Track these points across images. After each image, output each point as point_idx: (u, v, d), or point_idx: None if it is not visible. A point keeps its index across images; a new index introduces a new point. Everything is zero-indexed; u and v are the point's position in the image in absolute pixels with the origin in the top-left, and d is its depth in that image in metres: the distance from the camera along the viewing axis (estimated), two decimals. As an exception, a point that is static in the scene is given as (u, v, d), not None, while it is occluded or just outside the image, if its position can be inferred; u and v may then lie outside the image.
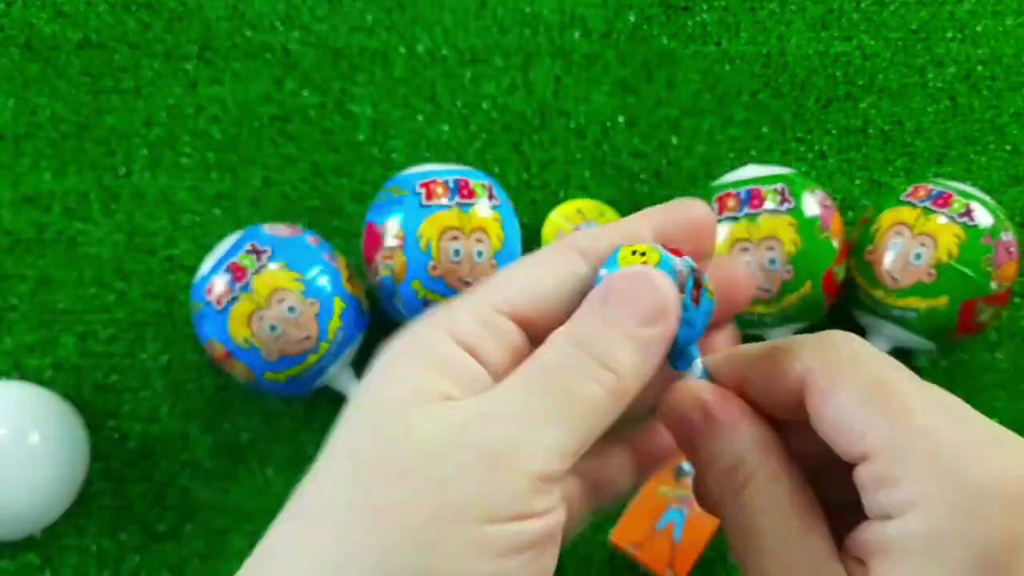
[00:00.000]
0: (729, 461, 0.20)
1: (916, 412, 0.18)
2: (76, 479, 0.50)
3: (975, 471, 0.17)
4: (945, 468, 0.17)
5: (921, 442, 0.17)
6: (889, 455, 0.18)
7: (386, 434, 0.18)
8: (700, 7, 0.62)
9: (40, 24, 0.61)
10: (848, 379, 0.19)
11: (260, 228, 0.49)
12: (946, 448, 0.17)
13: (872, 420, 0.18)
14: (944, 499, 0.17)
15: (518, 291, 0.20)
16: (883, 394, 0.18)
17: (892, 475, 0.17)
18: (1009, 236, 0.48)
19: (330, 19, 0.61)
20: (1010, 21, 0.62)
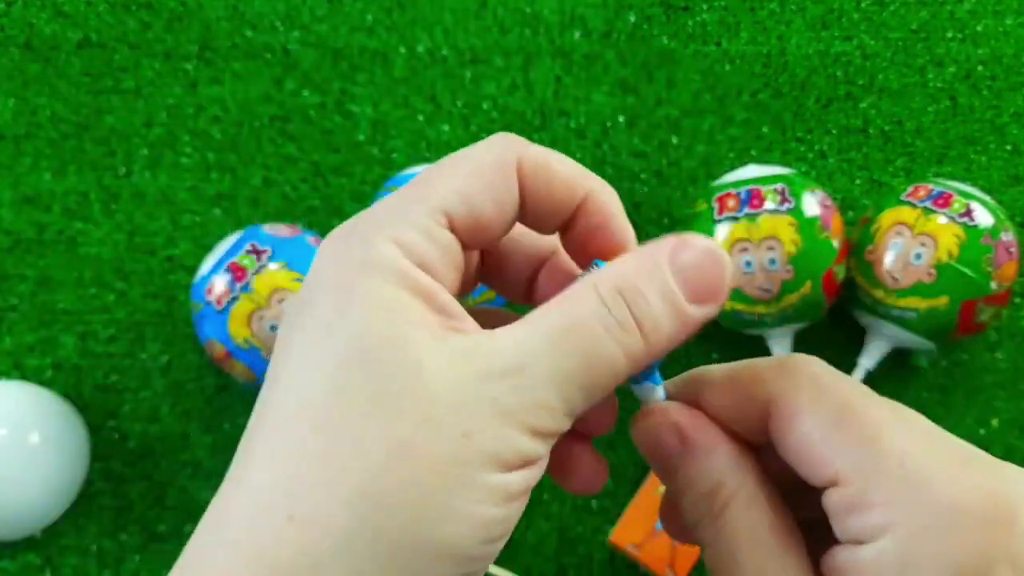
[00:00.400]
0: (708, 485, 0.20)
1: (883, 436, 0.18)
2: (76, 479, 0.50)
3: (946, 492, 0.17)
4: (915, 491, 0.17)
5: (890, 465, 0.17)
6: (858, 480, 0.18)
7: (396, 366, 0.17)
8: (700, 7, 0.62)
9: (40, 24, 0.61)
10: (812, 405, 0.19)
11: (260, 228, 0.49)
12: (915, 470, 0.17)
13: (838, 446, 0.18)
14: (915, 522, 0.17)
15: (452, 201, 0.19)
16: (849, 419, 0.18)
17: (862, 500, 0.17)
18: (1009, 236, 0.48)
19: (330, 19, 0.61)
20: (1010, 21, 0.62)
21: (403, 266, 0.18)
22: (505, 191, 0.20)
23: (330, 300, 0.18)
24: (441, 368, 0.17)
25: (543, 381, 0.18)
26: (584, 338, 0.18)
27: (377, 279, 0.18)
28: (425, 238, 0.19)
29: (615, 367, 0.18)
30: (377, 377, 0.17)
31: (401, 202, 0.19)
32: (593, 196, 0.21)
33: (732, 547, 0.19)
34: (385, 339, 0.17)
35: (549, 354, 0.18)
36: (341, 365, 0.17)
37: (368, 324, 0.18)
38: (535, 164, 0.20)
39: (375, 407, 0.17)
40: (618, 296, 0.18)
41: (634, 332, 0.18)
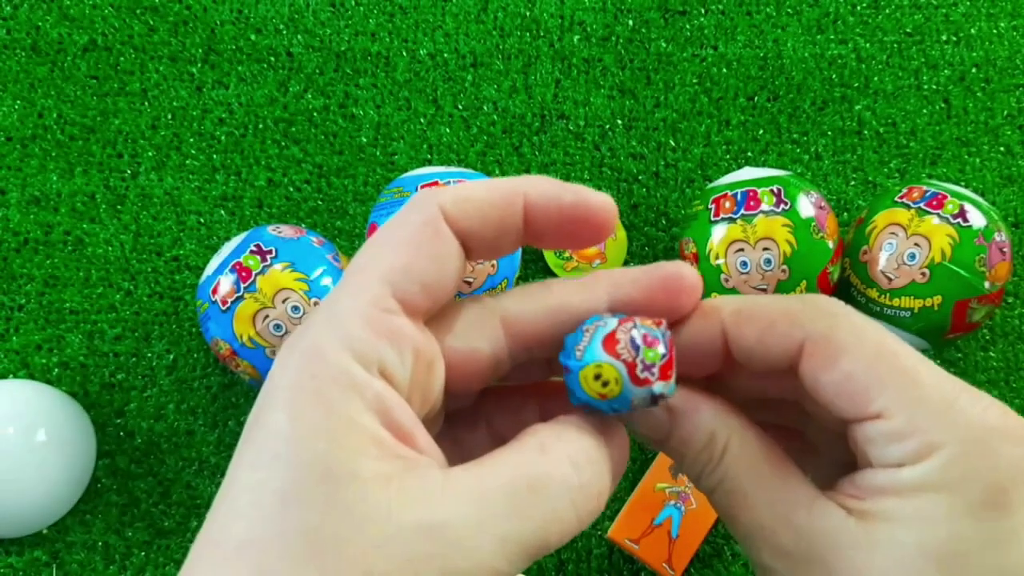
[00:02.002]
0: (703, 439, 0.21)
1: (921, 373, 0.19)
2: (83, 476, 0.50)
3: (983, 418, 0.19)
4: (956, 417, 0.19)
5: (932, 397, 0.19)
6: (903, 413, 0.19)
7: (340, 510, 0.17)
8: (697, 11, 0.63)
9: (46, 27, 0.61)
10: (852, 345, 0.20)
11: (265, 229, 0.49)
12: (953, 400, 0.19)
13: (882, 382, 0.19)
14: (959, 444, 0.18)
15: (395, 277, 0.19)
16: (887, 357, 0.19)
17: (907, 430, 0.19)
18: (1002, 236, 0.49)
19: (333, 23, 0.62)
20: (1004, 24, 0.63)
21: (355, 377, 0.18)
22: (440, 244, 0.20)
23: (281, 424, 0.17)
24: (389, 515, 0.17)
25: (492, 547, 0.17)
26: (543, 503, 0.18)
27: (329, 397, 0.17)
28: (374, 333, 0.18)
29: (565, 528, 0.18)
30: (321, 521, 0.16)
31: (344, 295, 0.19)
32: (533, 203, 0.21)
33: (737, 484, 0.20)
34: (331, 480, 0.17)
35: (502, 518, 0.17)
36: (284, 506, 0.17)
37: (316, 459, 0.17)
38: (455, 202, 0.20)
39: (316, 556, 0.16)
40: (579, 462, 0.19)
41: (593, 494, 0.19)
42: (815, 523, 0.19)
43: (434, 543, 0.17)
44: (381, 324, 0.18)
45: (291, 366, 0.18)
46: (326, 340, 0.18)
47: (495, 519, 0.17)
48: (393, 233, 0.20)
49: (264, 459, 0.17)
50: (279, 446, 0.17)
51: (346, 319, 0.18)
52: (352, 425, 0.17)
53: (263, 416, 0.18)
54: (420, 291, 0.19)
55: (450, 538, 0.17)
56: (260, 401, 0.18)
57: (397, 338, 0.19)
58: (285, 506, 0.17)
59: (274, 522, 0.17)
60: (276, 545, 0.16)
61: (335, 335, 0.18)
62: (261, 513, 0.17)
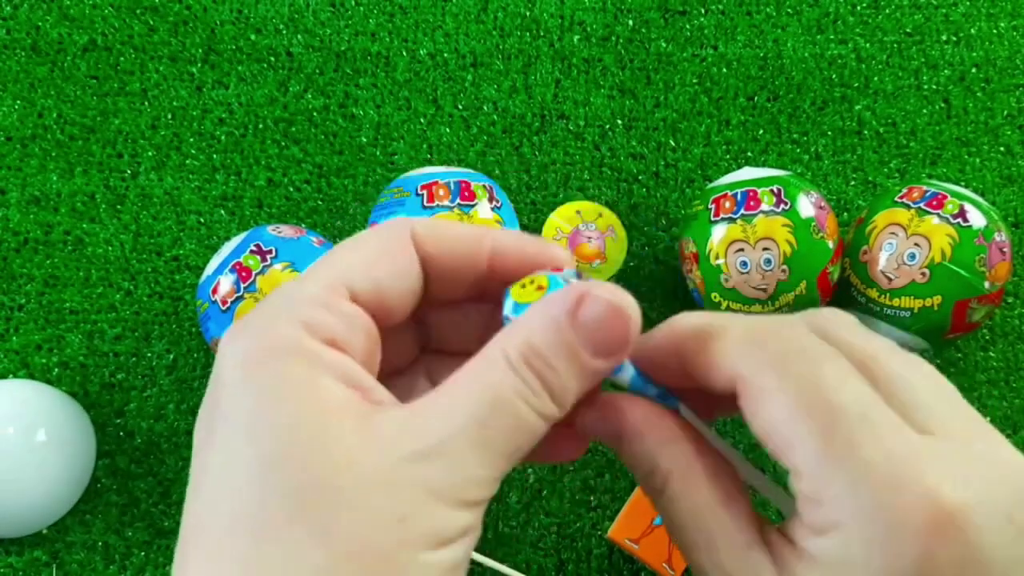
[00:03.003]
0: (646, 467, 0.21)
1: (840, 429, 0.18)
2: (83, 476, 0.50)
3: (896, 497, 0.17)
4: (866, 497, 0.17)
5: (845, 466, 0.17)
6: (813, 476, 0.18)
7: (322, 459, 0.17)
8: (697, 11, 0.63)
9: (46, 27, 0.61)
10: (776, 388, 0.19)
11: (265, 229, 0.50)
12: (866, 471, 0.17)
13: (798, 438, 0.18)
14: (860, 528, 0.17)
15: (353, 274, 0.20)
16: (811, 406, 0.18)
17: (816, 495, 0.18)
18: (1002, 236, 0.49)
19: (333, 23, 0.62)
20: (1004, 24, 0.63)
21: (309, 345, 0.18)
22: (404, 260, 0.21)
23: (243, 398, 0.18)
24: (368, 453, 0.17)
25: (471, 456, 0.18)
26: (505, 411, 0.18)
27: (286, 364, 0.18)
28: (327, 312, 0.19)
29: (534, 430, 0.19)
30: (305, 476, 0.17)
31: (300, 284, 0.20)
32: (500, 246, 0.22)
33: (677, 519, 0.20)
34: (306, 434, 0.17)
35: (474, 430, 0.18)
36: (266, 471, 0.17)
37: (286, 420, 0.18)
38: (427, 227, 0.21)
39: (308, 508, 0.17)
40: (529, 368, 0.19)
41: (547, 399, 0.19)
42: (743, 573, 0.19)
43: (419, 467, 0.18)
44: (333, 305, 0.19)
45: (243, 342, 0.19)
46: (279, 316, 0.19)
47: (466, 436, 0.18)
48: (359, 240, 0.21)
49: (234, 434, 0.18)
50: (246, 418, 0.18)
51: (299, 300, 0.19)
52: (314, 385, 0.18)
53: (221, 393, 0.18)
54: (372, 291, 0.20)
55: (432, 460, 0.18)
56: (216, 380, 0.19)
57: (348, 318, 0.19)
58: (269, 472, 0.17)
59: (261, 489, 0.17)
60: (268, 509, 0.17)
61: (288, 313, 0.19)
62: (245, 485, 0.17)
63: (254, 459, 0.17)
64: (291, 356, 0.18)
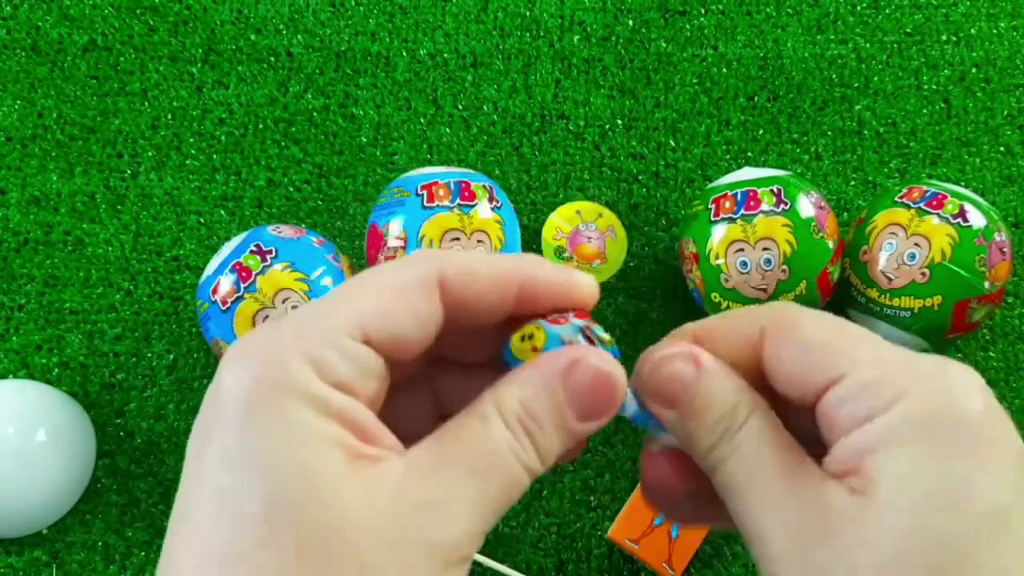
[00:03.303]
0: (728, 404, 0.21)
1: (871, 340, 0.21)
2: (83, 476, 0.50)
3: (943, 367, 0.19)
4: (920, 368, 0.20)
5: (889, 356, 0.20)
6: (868, 366, 0.20)
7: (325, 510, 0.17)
8: (697, 11, 0.63)
9: (46, 27, 0.61)
10: (809, 320, 0.21)
11: (265, 229, 0.50)
12: (913, 356, 0.20)
13: (843, 346, 0.20)
14: (925, 388, 0.19)
15: (369, 317, 0.19)
16: (844, 329, 0.21)
17: (873, 379, 0.19)
18: (1002, 236, 0.49)
19: (333, 23, 0.62)
20: (1004, 24, 0.63)
21: (318, 389, 0.18)
22: (425, 308, 0.20)
23: (242, 429, 0.18)
24: (370, 507, 0.18)
25: (466, 513, 0.19)
26: (500, 467, 0.19)
27: (291, 403, 0.18)
28: (339, 355, 0.19)
29: (522, 486, 0.20)
30: (307, 526, 0.17)
31: (315, 317, 0.19)
32: (529, 283, 0.22)
33: (753, 456, 0.21)
34: (310, 483, 0.17)
35: (470, 487, 0.19)
36: (269, 515, 0.17)
37: (290, 467, 0.17)
38: (459, 273, 0.21)
39: (310, 559, 0.17)
40: (521, 426, 0.20)
41: (535, 457, 0.20)
42: (824, 499, 0.19)
43: (418, 524, 0.18)
44: (346, 347, 0.19)
45: (251, 371, 0.18)
46: (288, 351, 0.18)
47: (462, 492, 0.19)
48: (385, 278, 0.20)
49: (233, 470, 0.18)
50: (248, 459, 0.18)
51: (311, 336, 0.19)
52: (319, 433, 0.18)
53: (220, 418, 0.18)
54: (388, 341, 0.20)
55: (431, 516, 0.18)
56: (217, 403, 0.19)
57: (359, 362, 0.19)
58: (271, 517, 0.17)
59: (262, 533, 0.17)
60: (268, 555, 0.17)
61: (299, 348, 0.19)
62: (243, 526, 0.17)
63: (255, 502, 0.17)
64: (299, 400, 0.18)
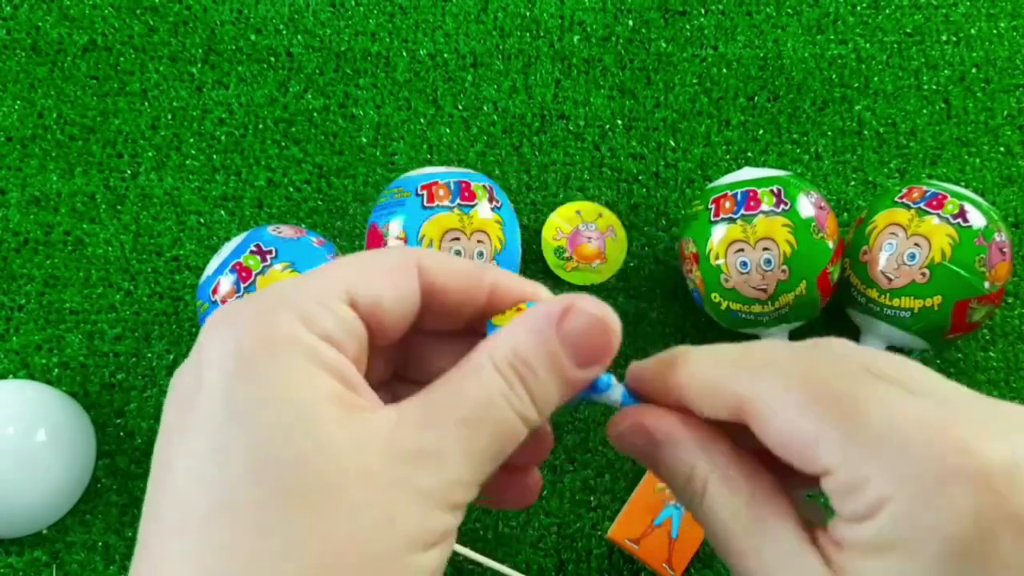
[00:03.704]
0: (684, 473, 0.21)
1: (865, 409, 0.18)
2: (83, 476, 0.50)
3: (936, 460, 0.17)
4: (905, 464, 0.17)
5: (877, 441, 0.18)
6: (848, 460, 0.18)
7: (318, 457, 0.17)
8: (697, 11, 0.63)
9: (46, 27, 0.61)
10: (782, 403, 0.19)
11: (265, 229, 0.50)
12: (903, 440, 0.17)
13: (821, 435, 0.18)
14: (911, 494, 0.17)
15: (356, 284, 0.20)
16: (825, 403, 0.18)
17: (853, 482, 0.18)
18: (1002, 237, 0.49)
19: (333, 23, 0.62)
20: (1004, 24, 0.63)
21: (308, 339, 0.18)
22: (406, 286, 0.21)
23: (232, 380, 0.18)
24: (361, 453, 0.18)
25: (458, 460, 0.18)
26: (492, 414, 0.19)
27: (283, 354, 0.18)
28: (327, 312, 0.19)
29: (516, 435, 0.20)
30: (296, 468, 0.17)
31: (303, 280, 0.20)
32: (499, 286, 0.22)
33: (721, 525, 0.20)
34: (298, 426, 0.17)
35: (462, 432, 0.19)
36: (255, 457, 0.17)
37: (278, 409, 0.17)
38: (434, 259, 0.21)
39: (299, 501, 0.17)
40: (514, 372, 0.19)
41: (529, 404, 0.20)
42: (794, 568, 0.19)
43: (409, 469, 0.18)
44: (332, 305, 0.19)
45: (236, 329, 0.18)
46: (276, 307, 0.19)
47: (454, 440, 0.19)
48: (366, 256, 0.21)
49: (224, 422, 0.17)
50: (240, 407, 0.17)
51: (297, 295, 0.19)
52: (310, 381, 0.18)
53: (207, 377, 0.18)
54: (371, 304, 0.20)
55: (422, 462, 0.18)
56: (200, 364, 0.18)
57: (345, 321, 0.19)
58: (264, 464, 0.17)
59: (254, 480, 0.17)
60: (262, 501, 0.17)
61: (285, 305, 0.19)
62: (235, 474, 0.17)
63: (247, 449, 0.17)
64: (288, 348, 0.18)
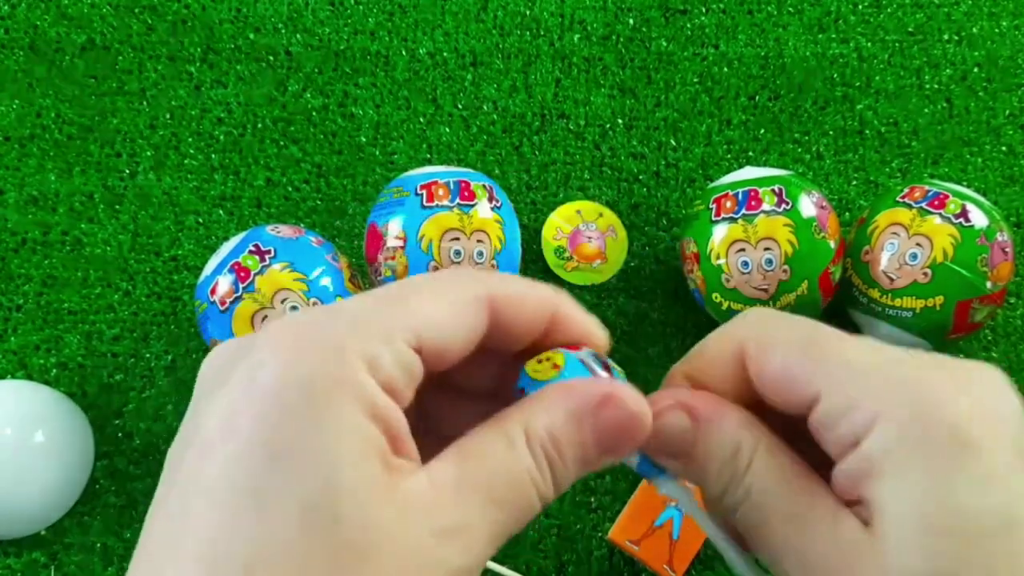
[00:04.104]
0: (729, 448, 0.21)
1: (846, 348, 0.20)
2: (81, 477, 0.50)
3: (917, 374, 0.19)
4: (889, 385, 0.19)
5: (862, 370, 0.20)
6: (838, 387, 0.19)
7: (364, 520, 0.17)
8: (698, 10, 0.63)
9: (44, 26, 0.61)
10: (779, 338, 0.21)
11: (263, 229, 0.49)
12: (885, 371, 0.19)
13: (812, 363, 0.20)
14: (902, 404, 0.18)
15: (426, 325, 0.19)
16: (812, 343, 0.21)
17: (847, 403, 0.19)
18: (1004, 236, 0.49)
19: (332, 22, 0.62)
20: (1006, 23, 0.63)
21: (369, 387, 0.18)
22: (475, 324, 0.21)
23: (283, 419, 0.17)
24: (400, 524, 0.17)
25: (484, 539, 0.19)
26: (520, 493, 0.19)
27: (342, 401, 0.18)
28: (393, 356, 0.19)
29: (533, 513, 0.20)
30: (340, 532, 0.17)
31: (373, 315, 0.19)
32: (560, 314, 0.22)
33: (764, 498, 0.20)
34: (346, 488, 0.17)
35: (492, 514, 0.19)
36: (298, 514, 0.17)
37: (327, 466, 0.17)
38: (507, 295, 0.21)
39: (348, 568, 0.17)
40: (544, 456, 0.20)
41: (552, 487, 0.20)
42: (839, 536, 0.19)
43: (442, 546, 0.18)
44: (400, 350, 0.19)
45: (301, 359, 0.18)
46: (347, 343, 0.18)
47: (481, 517, 0.19)
48: (442, 287, 0.20)
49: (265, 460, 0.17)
50: (283, 451, 0.17)
51: (373, 334, 0.19)
52: (359, 435, 0.18)
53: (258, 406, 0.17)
54: (437, 347, 0.20)
55: (454, 540, 0.18)
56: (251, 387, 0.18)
57: (408, 368, 0.19)
58: (300, 518, 0.17)
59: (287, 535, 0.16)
60: (307, 554, 0.16)
61: (356, 343, 0.18)
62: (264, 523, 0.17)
63: (289, 500, 0.17)
64: (348, 395, 0.18)
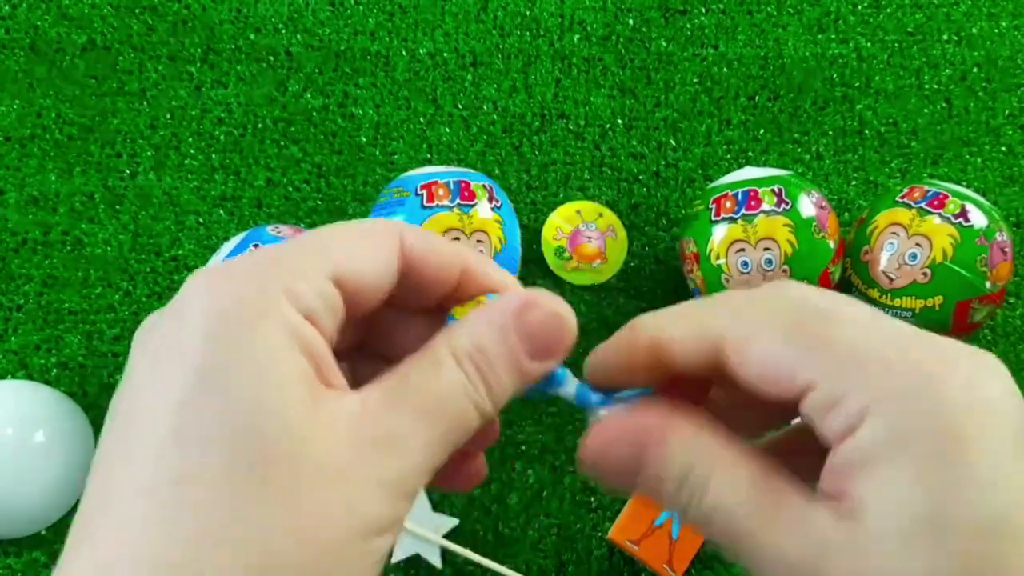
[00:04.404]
0: (678, 471, 0.20)
1: (832, 329, 0.19)
2: (81, 477, 0.50)
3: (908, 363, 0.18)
4: (880, 373, 0.18)
5: (851, 357, 0.19)
6: (826, 379, 0.19)
7: (289, 438, 0.17)
8: (698, 10, 0.63)
9: (45, 26, 0.61)
10: (758, 328, 0.20)
11: (264, 229, 0.49)
12: (875, 355, 0.18)
13: (797, 352, 0.19)
14: (891, 397, 0.18)
15: (342, 261, 0.20)
16: (797, 328, 0.19)
17: (834, 395, 0.18)
18: (1003, 237, 0.49)
19: (332, 22, 0.62)
20: (1005, 23, 0.63)
21: (290, 315, 0.19)
22: (387, 261, 0.21)
23: (213, 342, 0.18)
24: (327, 438, 0.18)
25: (417, 450, 0.19)
26: (452, 406, 0.20)
27: (265, 326, 0.18)
28: (312, 288, 0.19)
29: (472, 425, 0.20)
30: (265, 449, 0.17)
31: (291, 250, 0.20)
32: (470, 267, 0.23)
33: (731, 514, 0.19)
34: (276, 407, 0.17)
35: (422, 426, 0.19)
36: (226, 429, 0.17)
37: (253, 383, 0.18)
38: (416, 236, 0.22)
39: (265, 484, 0.17)
40: (473, 366, 0.20)
41: (486, 396, 0.20)
42: (811, 534, 0.18)
43: (370, 458, 0.18)
44: (316, 282, 0.19)
45: (225, 292, 0.18)
46: (267, 278, 0.19)
47: (414, 430, 0.19)
48: (351, 228, 0.21)
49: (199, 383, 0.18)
50: (213, 377, 0.18)
51: (286, 267, 0.19)
52: (284, 358, 0.18)
53: (187, 338, 0.18)
54: (353, 280, 0.20)
55: (382, 451, 0.19)
56: (182, 315, 0.18)
57: (327, 299, 0.20)
58: (239, 437, 0.17)
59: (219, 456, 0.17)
60: (224, 477, 0.17)
61: (274, 276, 0.19)
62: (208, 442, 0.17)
63: (218, 416, 0.17)
64: (271, 321, 0.18)
